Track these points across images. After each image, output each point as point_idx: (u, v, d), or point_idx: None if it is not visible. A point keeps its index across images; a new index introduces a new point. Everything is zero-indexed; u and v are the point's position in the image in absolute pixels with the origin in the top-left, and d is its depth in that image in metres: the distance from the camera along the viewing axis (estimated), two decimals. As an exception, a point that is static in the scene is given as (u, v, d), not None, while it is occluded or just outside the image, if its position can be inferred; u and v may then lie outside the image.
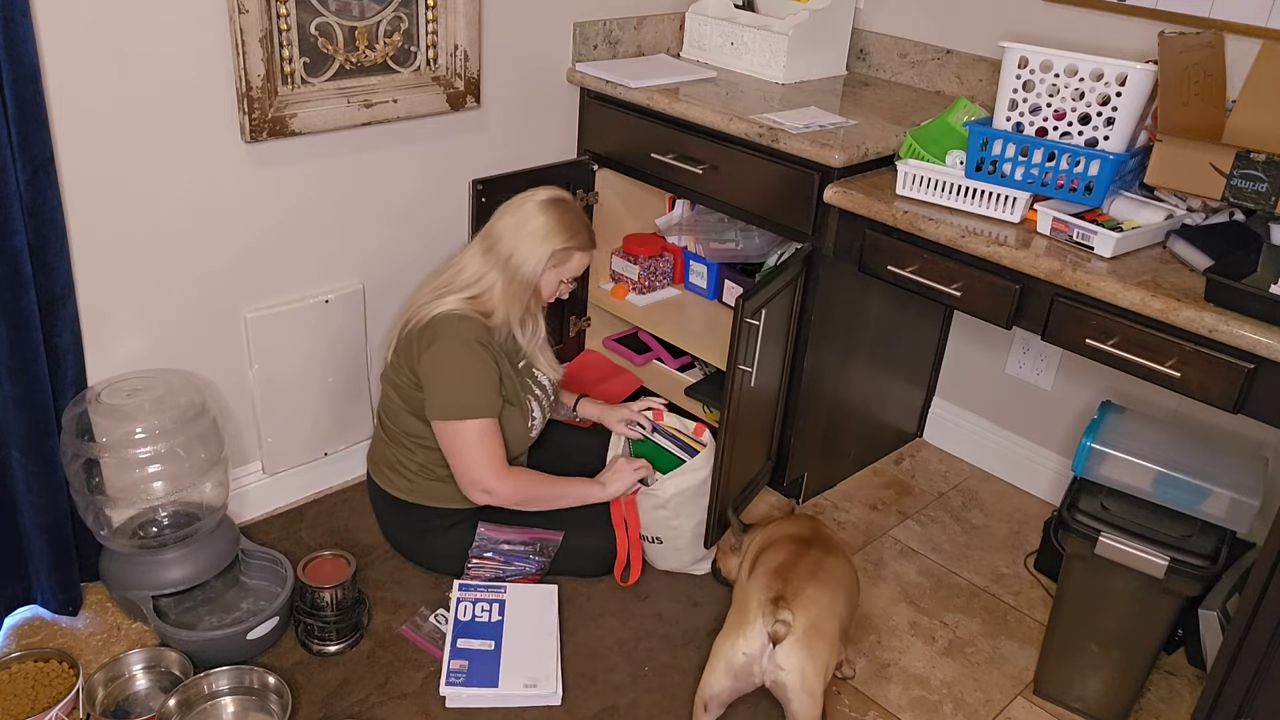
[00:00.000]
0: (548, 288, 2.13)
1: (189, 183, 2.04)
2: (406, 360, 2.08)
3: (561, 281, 2.15)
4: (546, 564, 2.21)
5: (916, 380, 2.83)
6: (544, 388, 2.25)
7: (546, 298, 2.16)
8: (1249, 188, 1.75)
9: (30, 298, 1.80)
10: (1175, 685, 2.13)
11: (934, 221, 2.01)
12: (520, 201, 2.12)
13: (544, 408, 2.25)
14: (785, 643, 1.72)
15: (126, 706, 1.90)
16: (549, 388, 2.27)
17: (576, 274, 2.16)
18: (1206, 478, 1.86)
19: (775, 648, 1.73)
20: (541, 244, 2.06)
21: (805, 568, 1.85)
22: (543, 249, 2.06)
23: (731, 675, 1.78)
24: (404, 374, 2.09)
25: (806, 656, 1.74)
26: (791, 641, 1.73)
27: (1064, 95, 1.90)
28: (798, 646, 1.73)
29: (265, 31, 1.99)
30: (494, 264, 2.07)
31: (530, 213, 2.08)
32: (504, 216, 2.11)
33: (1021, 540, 2.55)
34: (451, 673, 1.94)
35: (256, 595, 2.13)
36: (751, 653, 1.75)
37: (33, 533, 1.97)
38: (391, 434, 2.17)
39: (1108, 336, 1.82)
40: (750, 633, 1.76)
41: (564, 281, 2.16)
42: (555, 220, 2.08)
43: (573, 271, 2.15)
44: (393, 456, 2.18)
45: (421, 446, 2.13)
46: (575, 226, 2.10)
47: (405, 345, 2.09)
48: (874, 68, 2.80)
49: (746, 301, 2.07)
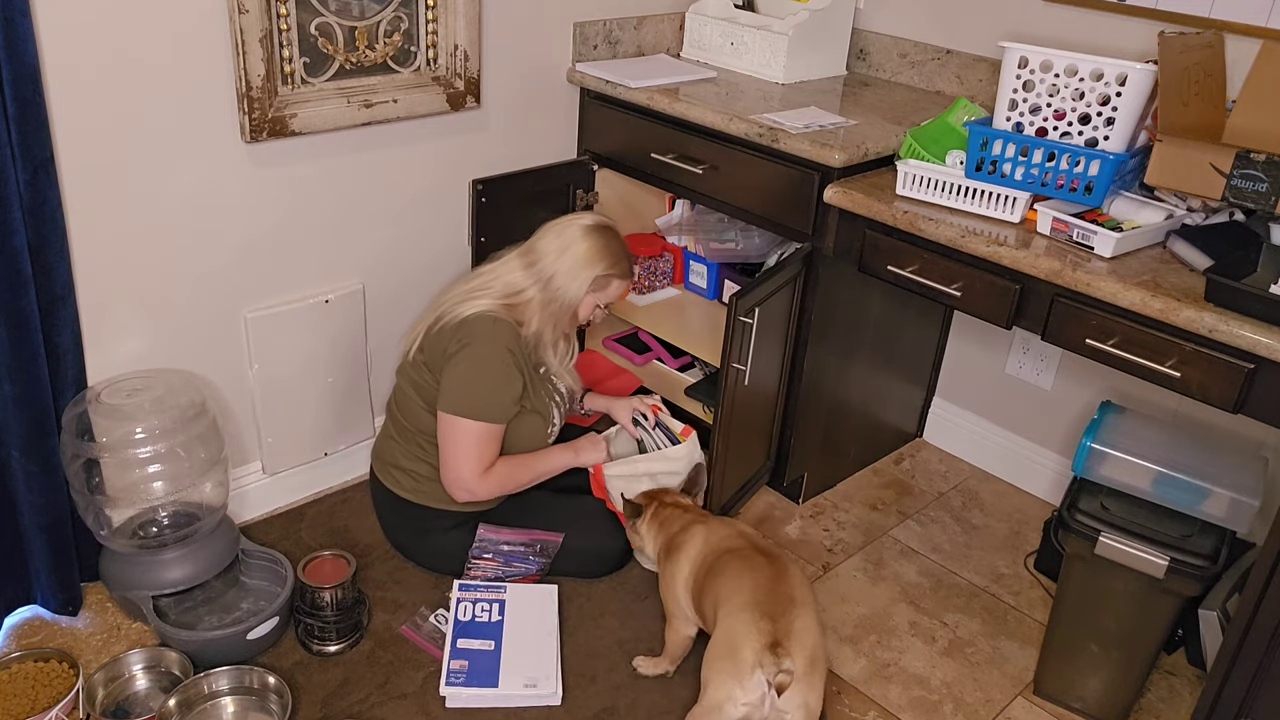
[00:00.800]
0: (584, 311, 2.17)
1: (189, 183, 2.04)
2: (433, 357, 2.08)
3: (598, 306, 2.18)
4: (547, 564, 2.21)
5: (916, 380, 2.83)
6: (563, 395, 2.27)
7: (582, 321, 2.20)
8: (1249, 188, 1.75)
9: (30, 298, 1.80)
10: (1175, 685, 2.13)
11: (934, 221, 2.01)
12: (566, 224, 2.14)
13: (562, 414, 2.27)
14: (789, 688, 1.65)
15: (126, 706, 1.90)
16: (566, 395, 2.29)
17: (614, 300, 2.20)
18: (1206, 478, 1.86)
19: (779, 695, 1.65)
20: (584, 270, 2.09)
21: (781, 593, 1.76)
22: (585, 274, 2.09)
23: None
24: (425, 372, 2.10)
25: (810, 692, 1.69)
26: (794, 683, 1.65)
27: (1064, 95, 1.90)
28: (802, 686, 1.67)
29: (265, 31, 1.99)
30: (534, 280, 2.10)
31: (575, 236, 2.10)
32: (547, 237, 2.13)
33: (1021, 540, 2.55)
34: (451, 673, 1.94)
35: (256, 595, 2.13)
36: (751, 702, 1.67)
37: (33, 533, 1.97)
38: (403, 431, 2.17)
39: (1108, 336, 1.82)
40: (749, 684, 1.67)
41: (599, 306, 2.19)
42: (600, 247, 2.10)
43: (610, 298, 2.18)
44: (401, 455, 2.18)
45: (435, 445, 2.14)
46: (618, 254, 2.13)
47: (434, 342, 2.09)
48: (874, 68, 2.80)
49: (740, 300, 2.07)
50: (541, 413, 2.17)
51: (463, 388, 2.03)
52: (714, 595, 1.82)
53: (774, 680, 1.64)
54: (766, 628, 1.69)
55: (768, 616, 1.71)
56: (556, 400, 2.24)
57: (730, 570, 1.84)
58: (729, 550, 1.89)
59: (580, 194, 2.71)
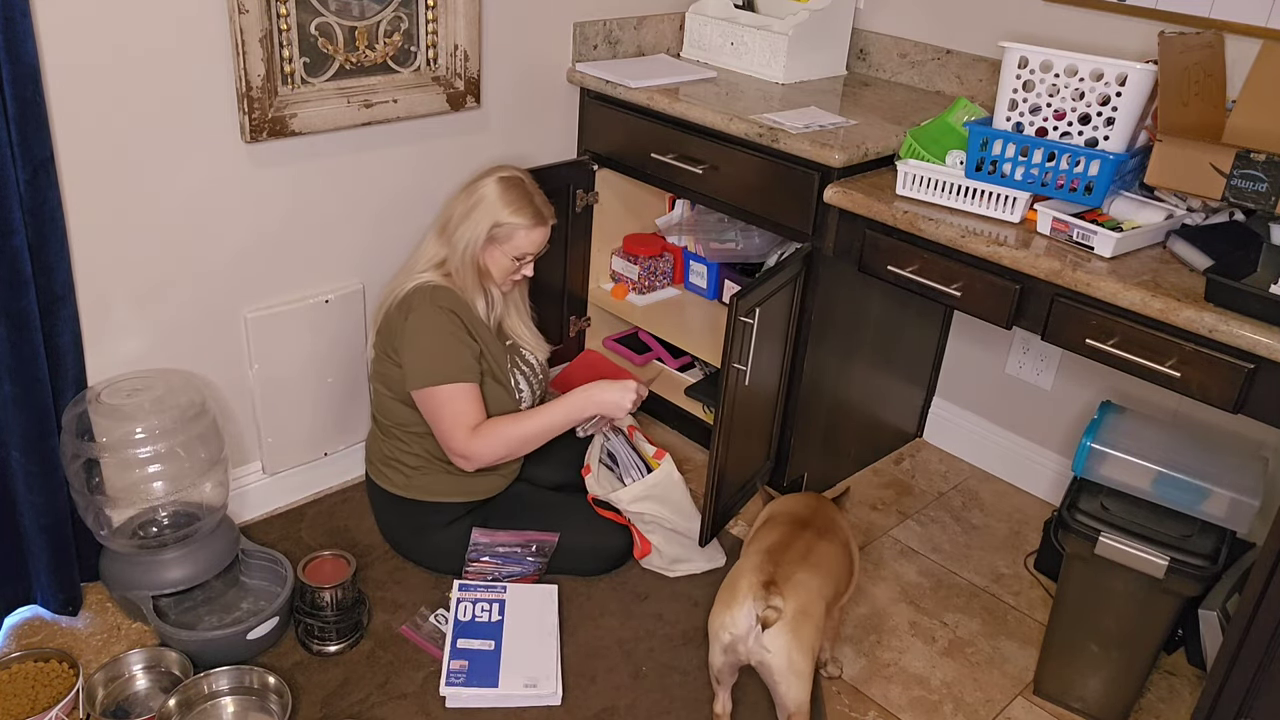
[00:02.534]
0: (496, 266, 2.12)
1: (189, 183, 2.04)
2: (387, 343, 2.10)
3: (515, 260, 2.13)
4: (544, 565, 2.21)
5: (916, 380, 2.83)
6: (531, 365, 2.26)
7: (500, 277, 2.14)
8: (1249, 188, 1.75)
9: (30, 298, 1.80)
10: (1175, 685, 2.13)
11: (934, 221, 2.01)
12: (473, 178, 2.14)
13: (532, 385, 2.25)
14: (773, 626, 1.72)
15: (126, 706, 1.90)
16: (536, 366, 2.27)
17: (526, 251, 2.13)
18: (1206, 478, 1.86)
19: (763, 631, 1.73)
20: (482, 219, 2.07)
21: (797, 550, 1.85)
22: (482, 224, 2.07)
23: (722, 651, 1.80)
24: (387, 363, 2.11)
25: (793, 639, 1.73)
26: (779, 625, 1.72)
27: (1064, 95, 1.90)
28: (784, 629, 1.73)
29: (265, 31, 1.99)
30: (445, 239, 2.11)
31: (476, 187, 2.11)
32: (456, 197, 2.15)
33: (1021, 540, 2.55)
34: (451, 673, 1.94)
35: (256, 595, 2.13)
36: (738, 633, 1.75)
37: (33, 533, 1.97)
38: (385, 429, 2.18)
39: (1108, 336, 1.82)
40: (738, 614, 1.75)
41: (516, 260, 2.13)
42: (498, 194, 2.08)
43: (521, 248, 2.11)
44: (389, 452, 2.18)
45: (414, 435, 2.14)
46: (519, 202, 2.08)
47: (385, 328, 2.12)
48: (874, 68, 2.80)
49: (740, 300, 2.07)
50: (503, 383, 2.16)
51: (420, 359, 2.04)
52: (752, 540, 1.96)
53: (761, 615, 1.72)
54: (767, 568, 1.79)
55: (773, 561, 1.81)
56: (523, 370, 2.23)
57: (773, 524, 1.96)
58: (789, 513, 1.99)
59: (580, 194, 2.71)
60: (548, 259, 2.69)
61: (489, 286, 2.16)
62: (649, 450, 2.27)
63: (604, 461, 2.30)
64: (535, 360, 2.28)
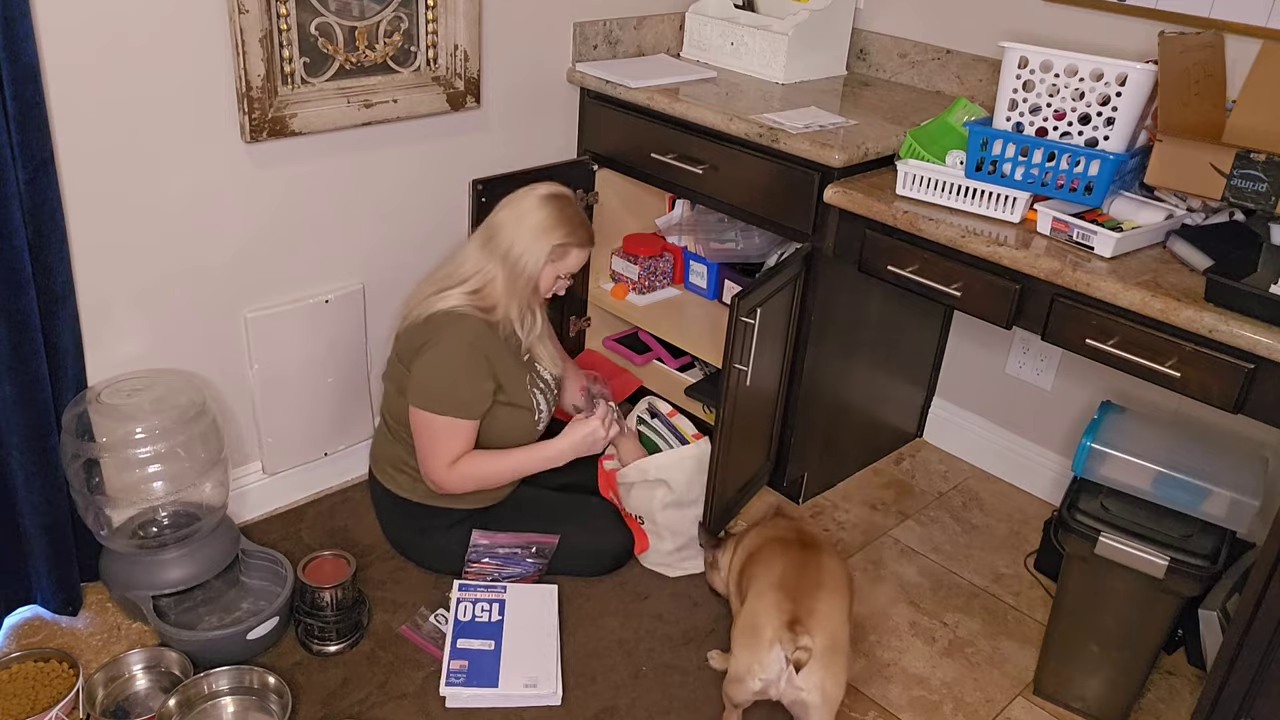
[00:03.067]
0: (545, 283, 2.13)
1: (189, 183, 2.04)
2: (405, 353, 2.08)
3: (559, 277, 2.15)
4: (544, 566, 2.21)
5: (916, 380, 2.83)
6: (547, 381, 2.25)
7: (544, 293, 2.16)
8: (1249, 188, 1.75)
9: (30, 298, 1.80)
10: (1175, 685, 2.13)
11: (934, 221, 2.01)
12: (521, 196, 2.12)
13: (549, 400, 2.25)
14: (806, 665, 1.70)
15: (126, 706, 1.90)
16: (552, 381, 2.27)
17: (574, 270, 2.16)
18: (1206, 478, 1.86)
19: (796, 672, 1.70)
20: (541, 238, 2.06)
21: (809, 578, 1.83)
22: (542, 243, 2.06)
23: (751, 694, 1.77)
24: (401, 368, 2.10)
25: (827, 674, 1.72)
26: (811, 663, 1.70)
27: (1064, 95, 1.90)
28: (818, 667, 1.71)
29: (265, 31, 1.99)
30: (493, 257, 2.07)
31: (530, 206, 2.08)
32: (504, 210, 2.11)
33: (1021, 540, 2.55)
34: (451, 673, 1.94)
35: (256, 595, 2.13)
36: (769, 678, 1.73)
37: (33, 533, 1.96)
38: (395, 432, 2.17)
39: (1108, 336, 1.82)
40: (767, 660, 1.72)
41: (561, 277, 2.15)
42: (555, 214, 2.08)
43: (570, 267, 2.14)
44: (396, 455, 2.18)
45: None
46: (575, 222, 2.10)
47: (404, 340, 2.10)
48: (874, 68, 2.80)
49: (742, 300, 2.07)
50: (525, 406, 2.15)
51: (427, 383, 2.03)
52: (749, 578, 1.91)
53: (792, 657, 1.69)
54: (787, 607, 1.75)
55: (790, 597, 1.77)
56: (541, 388, 2.22)
57: (766, 554, 1.92)
58: (774, 538, 1.97)
59: (580, 194, 2.71)
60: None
61: (535, 306, 2.16)
62: (689, 430, 2.28)
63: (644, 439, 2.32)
64: (550, 376, 2.27)
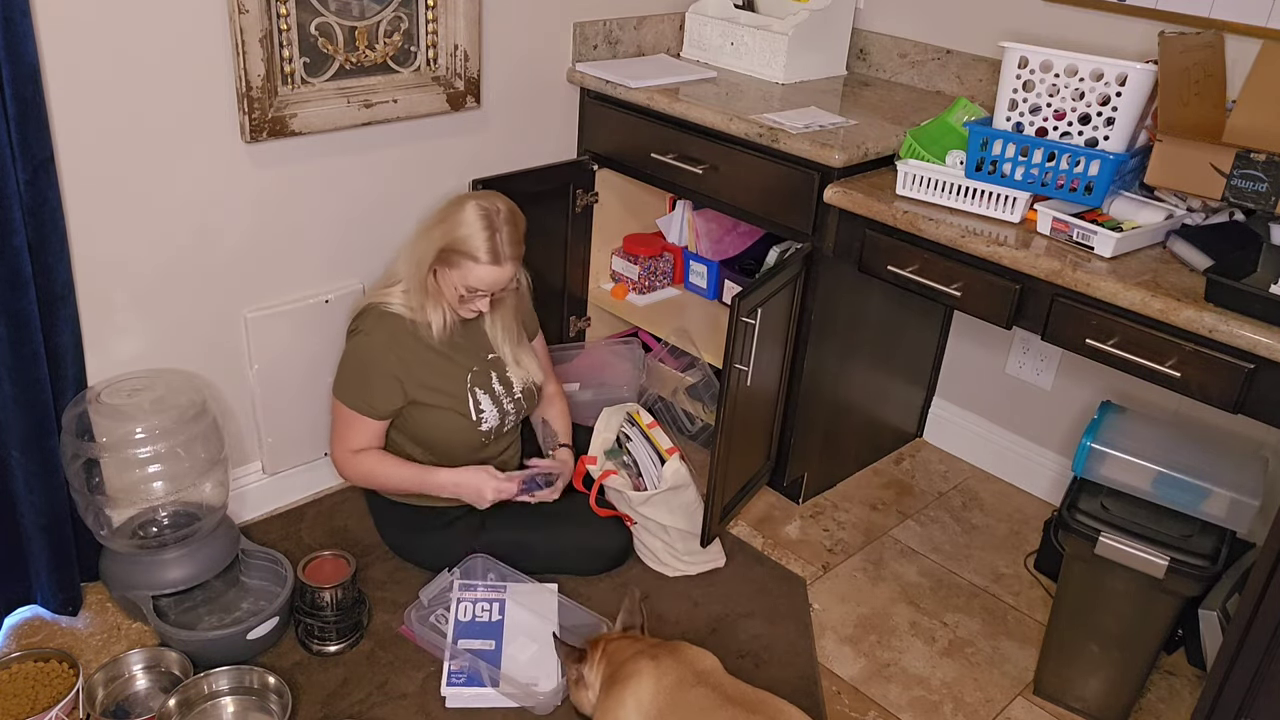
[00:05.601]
0: (448, 290, 2.04)
1: (189, 183, 2.04)
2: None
3: (463, 293, 2.02)
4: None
5: (916, 380, 2.83)
6: (509, 384, 2.21)
7: (452, 302, 2.06)
8: (1249, 188, 1.75)
9: (30, 298, 1.80)
10: (1175, 685, 2.13)
11: (934, 221, 2.01)
12: (457, 198, 2.10)
13: (503, 406, 2.18)
14: None
15: (126, 706, 1.90)
16: (518, 384, 2.22)
17: (477, 288, 2.01)
18: (1206, 478, 1.86)
19: None
20: (438, 237, 2.01)
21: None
22: (433, 241, 2.02)
23: None
24: None
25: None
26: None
27: (1064, 95, 1.90)
28: None
29: (265, 31, 1.99)
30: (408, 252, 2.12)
31: (449, 204, 2.09)
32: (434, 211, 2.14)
33: (1021, 540, 2.55)
34: (452, 673, 1.95)
35: (256, 595, 2.13)
36: None
37: (33, 533, 1.97)
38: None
39: (1108, 336, 1.82)
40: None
41: (462, 290, 2.01)
42: (461, 219, 1.99)
43: (467, 281, 1.99)
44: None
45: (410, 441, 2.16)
46: (479, 236, 1.96)
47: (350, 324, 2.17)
48: (874, 68, 2.80)
49: (742, 300, 2.07)
50: (457, 409, 2.12)
51: (342, 373, 2.11)
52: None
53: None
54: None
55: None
56: (495, 390, 2.17)
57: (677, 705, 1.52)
58: (689, 704, 1.53)
59: (580, 194, 2.71)
60: (548, 259, 2.70)
61: (444, 306, 2.07)
62: (665, 443, 2.28)
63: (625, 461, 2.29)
64: (518, 379, 2.21)
